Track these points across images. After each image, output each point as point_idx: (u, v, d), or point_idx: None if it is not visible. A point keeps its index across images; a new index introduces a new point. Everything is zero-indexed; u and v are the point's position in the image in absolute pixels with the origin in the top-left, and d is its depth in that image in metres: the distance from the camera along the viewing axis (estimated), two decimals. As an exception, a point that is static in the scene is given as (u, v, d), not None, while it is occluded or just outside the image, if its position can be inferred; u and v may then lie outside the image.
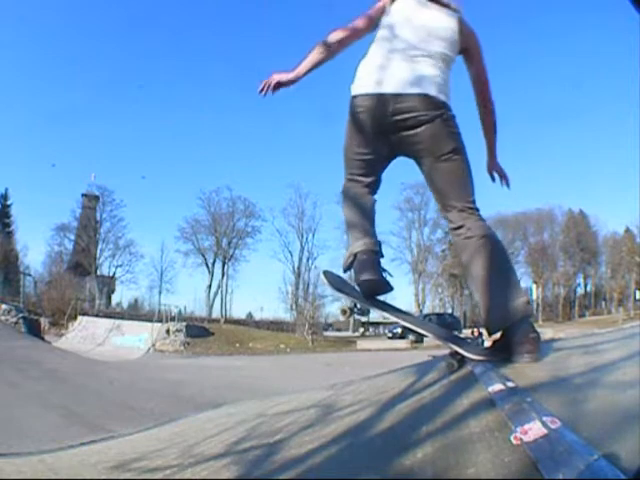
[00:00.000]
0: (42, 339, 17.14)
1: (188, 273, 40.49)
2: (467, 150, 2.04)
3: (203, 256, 39.91)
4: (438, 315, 30.84)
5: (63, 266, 37.59)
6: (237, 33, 53.16)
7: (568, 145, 49.89)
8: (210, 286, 39.81)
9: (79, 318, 25.81)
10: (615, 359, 1.71)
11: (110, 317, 26.89)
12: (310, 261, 40.44)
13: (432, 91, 1.96)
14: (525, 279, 42.82)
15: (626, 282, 39.60)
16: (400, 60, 2.00)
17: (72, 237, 40.13)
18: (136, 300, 42.05)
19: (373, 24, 2.12)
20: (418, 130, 1.96)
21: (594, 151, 49.95)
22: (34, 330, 17.18)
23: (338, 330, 37.18)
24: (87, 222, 39.60)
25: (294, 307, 35.77)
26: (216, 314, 37.50)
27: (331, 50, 2.09)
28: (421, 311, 37.48)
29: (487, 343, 2.03)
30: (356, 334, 34.88)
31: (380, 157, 2.11)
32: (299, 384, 8.78)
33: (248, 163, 55.16)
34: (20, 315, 17.69)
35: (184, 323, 24.62)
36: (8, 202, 39.31)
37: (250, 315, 39.78)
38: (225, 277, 39.85)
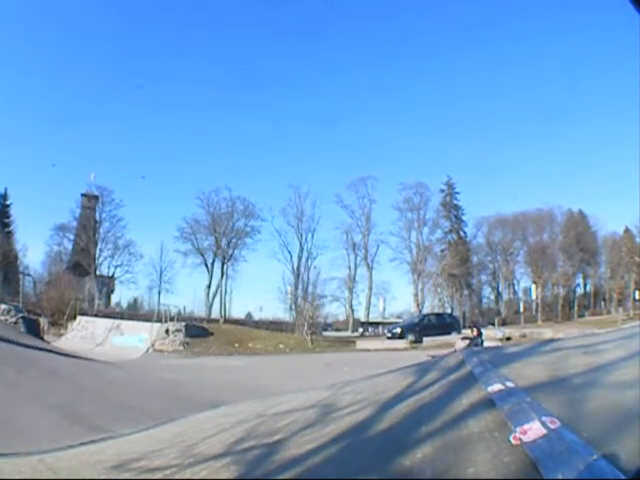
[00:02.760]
0: (41, 339, 17.12)
1: (187, 273, 40.22)
2: None
3: (202, 256, 39.81)
4: (437, 315, 30.80)
5: (62, 266, 37.51)
6: (237, 32, 53.08)
7: (568, 145, 49.78)
8: (209, 286, 39.75)
9: (78, 318, 25.73)
10: (615, 359, 1.71)
11: (109, 317, 26.84)
12: (309, 261, 40.38)
13: None
14: (525, 279, 42.91)
15: (625, 282, 39.60)
16: None
17: (71, 237, 40.00)
18: (135, 300, 41.99)
19: None
20: None
21: (594, 151, 49.94)
22: (33, 330, 17.17)
23: (337, 330, 37.11)
24: (86, 222, 39.50)
25: (293, 307, 35.70)
26: (215, 314, 37.42)
27: None
28: (420, 311, 37.46)
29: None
30: (355, 334, 34.80)
31: None
32: (298, 384, 8.78)
33: (248, 163, 55.07)
34: (19, 315, 17.68)
35: (183, 323, 24.56)
36: (8, 202, 39.20)
37: (249, 315, 39.69)
38: (224, 277, 39.75)
